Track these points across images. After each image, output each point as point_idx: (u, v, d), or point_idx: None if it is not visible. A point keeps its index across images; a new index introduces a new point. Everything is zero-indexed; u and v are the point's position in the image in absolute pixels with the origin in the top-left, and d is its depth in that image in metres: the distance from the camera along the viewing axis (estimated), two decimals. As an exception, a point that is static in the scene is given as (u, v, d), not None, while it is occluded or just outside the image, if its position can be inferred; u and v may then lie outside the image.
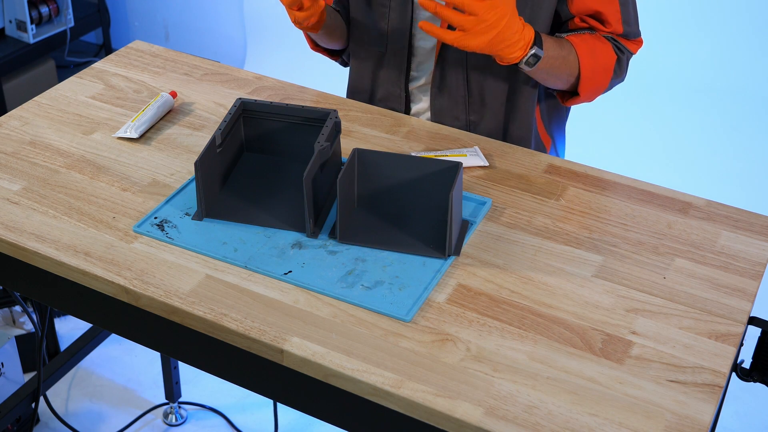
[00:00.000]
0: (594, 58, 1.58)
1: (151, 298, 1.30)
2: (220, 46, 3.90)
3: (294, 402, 1.31)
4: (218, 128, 1.46)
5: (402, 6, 1.64)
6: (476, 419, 1.13)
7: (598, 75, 1.60)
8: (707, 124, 3.25)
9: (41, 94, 1.78)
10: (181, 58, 1.91)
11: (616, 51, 1.62)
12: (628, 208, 1.50)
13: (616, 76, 1.63)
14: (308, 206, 1.37)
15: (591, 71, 1.59)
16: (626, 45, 1.63)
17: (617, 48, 1.62)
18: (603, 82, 1.62)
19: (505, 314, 1.28)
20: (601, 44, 1.60)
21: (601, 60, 1.59)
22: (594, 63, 1.59)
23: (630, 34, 1.62)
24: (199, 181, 1.40)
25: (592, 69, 1.59)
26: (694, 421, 1.13)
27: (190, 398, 2.48)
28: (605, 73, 1.61)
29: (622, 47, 1.63)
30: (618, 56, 1.62)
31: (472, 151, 1.61)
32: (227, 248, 1.38)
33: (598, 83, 1.62)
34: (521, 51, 1.48)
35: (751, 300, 1.33)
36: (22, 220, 1.44)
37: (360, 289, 1.31)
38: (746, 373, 1.37)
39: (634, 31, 1.63)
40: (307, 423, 2.39)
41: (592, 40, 1.59)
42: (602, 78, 1.61)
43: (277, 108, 1.52)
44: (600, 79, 1.61)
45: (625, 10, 1.60)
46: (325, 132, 1.43)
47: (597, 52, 1.59)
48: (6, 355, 2.29)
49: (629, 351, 1.23)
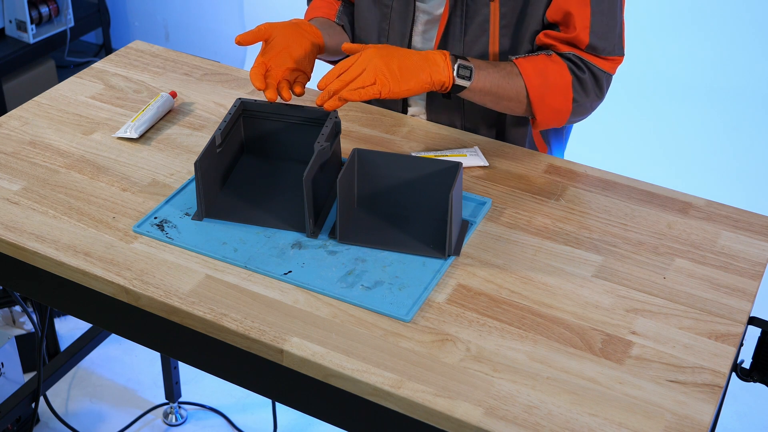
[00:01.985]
0: (543, 78, 1.52)
1: (151, 298, 1.30)
2: (220, 46, 3.90)
3: (294, 402, 1.31)
4: (218, 128, 1.46)
5: (404, 6, 1.64)
6: (476, 419, 1.13)
7: (550, 96, 1.53)
8: (707, 124, 3.25)
9: (41, 94, 1.78)
10: (181, 58, 1.91)
11: (573, 70, 1.53)
12: (628, 208, 1.50)
13: (579, 96, 1.54)
14: (308, 206, 1.37)
15: (540, 92, 1.52)
16: (594, 62, 1.54)
17: (575, 66, 1.53)
18: (561, 103, 1.54)
19: (505, 314, 1.28)
20: (553, 65, 1.53)
21: (552, 80, 1.52)
22: (543, 83, 1.52)
23: (599, 49, 1.53)
24: (199, 181, 1.40)
25: (541, 90, 1.52)
26: (694, 421, 1.13)
27: (190, 398, 2.48)
28: (561, 93, 1.53)
29: (585, 65, 1.54)
30: (576, 75, 1.53)
31: (472, 151, 1.61)
32: (227, 248, 1.38)
33: (555, 104, 1.54)
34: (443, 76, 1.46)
35: (751, 300, 1.33)
36: (22, 220, 1.44)
37: (360, 289, 1.31)
38: (746, 373, 1.37)
39: (605, 47, 1.54)
40: (307, 423, 2.40)
41: (542, 61, 1.53)
42: (558, 99, 1.54)
43: (277, 108, 1.52)
44: (556, 100, 1.54)
45: (598, 20, 1.52)
46: (325, 132, 1.43)
47: (547, 72, 1.52)
48: (6, 355, 2.29)
49: (629, 351, 1.23)
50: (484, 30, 1.58)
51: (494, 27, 1.57)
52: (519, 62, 1.54)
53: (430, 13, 1.63)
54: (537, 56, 1.55)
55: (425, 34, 1.65)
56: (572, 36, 1.52)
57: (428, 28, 1.64)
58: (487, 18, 1.57)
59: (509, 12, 1.56)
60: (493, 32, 1.58)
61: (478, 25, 1.58)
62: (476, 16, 1.57)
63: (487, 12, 1.57)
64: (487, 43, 1.59)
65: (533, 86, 1.52)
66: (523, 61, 1.54)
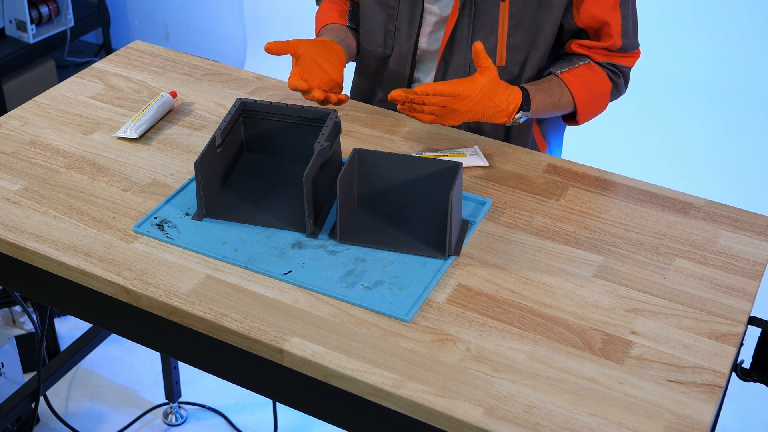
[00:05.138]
0: (589, 91, 1.62)
1: (151, 298, 1.30)
2: (220, 46, 3.90)
3: (294, 402, 1.31)
4: (218, 128, 1.46)
5: (411, 9, 1.64)
6: (476, 419, 1.13)
7: (594, 104, 1.65)
8: (707, 124, 3.25)
9: (41, 94, 1.78)
10: (181, 58, 1.91)
11: (611, 77, 1.65)
12: (628, 208, 1.50)
13: (614, 97, 1.68)
14: (308, 206, 1.37)
15: (587, 104, 1.63)
16: (622, 62, 1.65)
17: (612, 73, 1.65)
18: (600, 107, 1.67)
19: (505, 314, 1.28)
20: (595, 75, 1.63)
21: (596, 90, 1.64)
22: (589, 96, 1.63)
23: (628, 47, 1.64)
24: (199, 181, 1.40)
25: (588, 101, 1.63)
26: (694, 421, 1.13)
27: (190, 398, 2.48)
28: (602, 100, 1.66)
29: (618, 69, 1.65)
30: (614, 82, 1.65)
31: (472, 151, 1.61)
32: (227, 248, 1.38)
33: (596, 109, 1.67)
34: (506, 118, 1.53)
35: (751, 300, 1.33)
36: (22, 220, 1.44)
37: (360, 289, 1.31)
38: (746, 373, 1.37)
39: (632, 43, 1.64)
40: (307, 423, 2.40)
41: (586, 73, 1.62)
42: (599, 105, 1.67)
43: (277, 108, 1.52)
44: (597, 107, 1.67)
45: (626, 23, 1.61)
46: (325, 132, 1.43)
47: (591, 83, 1.63)
48: (6, 355, 2.29)
49: (629, 351, 1.23)
50: (492, 30, 1.59)
51: (503, 27, 1.58)
52: (565, 78, 1.61)
53: (439, 14, 1.63)
54: (578, 68, 1.62)
55: (432, 35, 1.65)
56: (609, 44, 1.61)
57: (436, 29, 1.65)
58: (496, 18, 1.57)
59: (519, 12, 1.57)
60: (501, 32, 1.58)
61: (487, 25, 1.59)
62: (485, 16, 1.58)
63: (496, 12, 1.57)
64: (495, 43, 1.59)
65: (581, 101, 1.62)
66: (569, 76, 1.61)
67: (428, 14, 1.64)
